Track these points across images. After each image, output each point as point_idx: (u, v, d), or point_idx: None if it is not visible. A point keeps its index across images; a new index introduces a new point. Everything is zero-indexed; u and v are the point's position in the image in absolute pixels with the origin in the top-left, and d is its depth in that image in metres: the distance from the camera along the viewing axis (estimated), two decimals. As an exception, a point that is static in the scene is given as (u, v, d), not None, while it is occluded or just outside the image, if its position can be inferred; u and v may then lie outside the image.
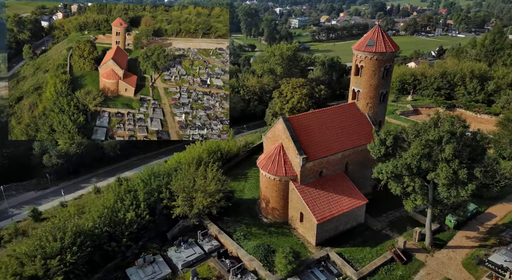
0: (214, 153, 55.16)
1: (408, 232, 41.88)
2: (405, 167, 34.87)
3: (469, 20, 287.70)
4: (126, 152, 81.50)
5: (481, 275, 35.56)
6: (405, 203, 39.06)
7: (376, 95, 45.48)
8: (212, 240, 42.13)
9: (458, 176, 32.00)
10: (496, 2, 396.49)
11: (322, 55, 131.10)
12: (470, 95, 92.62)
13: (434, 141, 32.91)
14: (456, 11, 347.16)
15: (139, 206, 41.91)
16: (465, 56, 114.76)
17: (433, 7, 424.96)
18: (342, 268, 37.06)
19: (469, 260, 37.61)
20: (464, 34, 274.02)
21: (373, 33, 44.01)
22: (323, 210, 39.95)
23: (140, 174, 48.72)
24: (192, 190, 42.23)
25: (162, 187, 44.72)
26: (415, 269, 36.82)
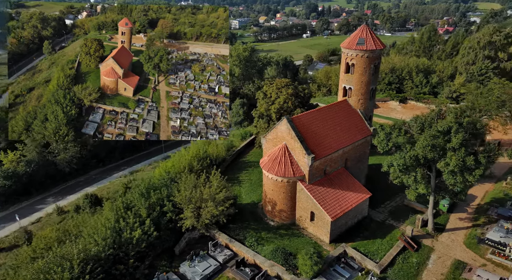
0: (204, 159, 53.16)
1: (410, 220, 44.09)
2: (413, 158, 36.69)
3: (393, 20, 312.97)
4: (83, 166, 76.09)
5: (485, 253, 38.63)
6: (407, 192, 41.09)
7: (367, 91, 47.24)
8: (224, 250, 40.51)
9: (466, 163, 34.42)
10: (411, 4, 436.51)
11: (276, 55, 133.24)
12: (418, 87, 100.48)
13: (443, 131, 35.00)
14: (379, 12, 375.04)
15: (143, 222, 38.84)
16: (406, 53, 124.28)
17: (358, 8, 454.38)
18: (361, 262, 37.86)
19: (470, 240, 40.67)
20: (390, 33, 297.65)
21: (361, 32, 45.55)
22: (334, 207, 40.48)
23: (136, 188, 45.01)
24: (199, 200, 40.18)
25: (163, 199, 41.88)
26: (426, 255, 38.87)
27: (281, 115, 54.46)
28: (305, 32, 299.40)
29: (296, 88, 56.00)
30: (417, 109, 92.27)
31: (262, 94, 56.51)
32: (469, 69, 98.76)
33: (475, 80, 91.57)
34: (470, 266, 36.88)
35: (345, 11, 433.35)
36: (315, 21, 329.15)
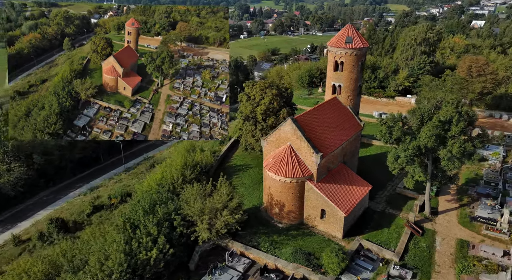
0: (194, 167, 50.88)
1: (407, 206, 46.66)
2: (416, 148, 38.96)
3: (322, 21, 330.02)
4: (30, 188, 69.63)
5: (480, 229, 42.32)
6: (405, 181, 43.60)
7: (356, 88, 48.98)
8: (241, 258, 39.14)
9: (466, 149, 37.41)
10: (334, 5, 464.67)
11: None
12: (367, 83, 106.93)
13: (445, 121, 37.59)
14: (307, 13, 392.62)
15: (155, 240, 35.91)
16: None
17: (287, 9, 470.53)
18: (379, 253, 39.18)
19: (463, 219, 44.28)
20: (321, 33, 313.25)
21: (347, 31, 47.02)
22: (345, 202, 41.34)
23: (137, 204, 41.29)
24: (212, 209, 38.30)
25: (171, 214, 39.09)
26: (432, 238, 41.46)
27: (268, 116, 54.26)
28: (241, 33, 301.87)
29: (279, 88, 56.10)
30: (371, 102, 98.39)
31: (246, 96, 55.63)
32: (409, 64, 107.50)
33: (415, 73, 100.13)
34: (473, 243, 40.17)
35: (275, 12, 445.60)
36: (250, 22, 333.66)
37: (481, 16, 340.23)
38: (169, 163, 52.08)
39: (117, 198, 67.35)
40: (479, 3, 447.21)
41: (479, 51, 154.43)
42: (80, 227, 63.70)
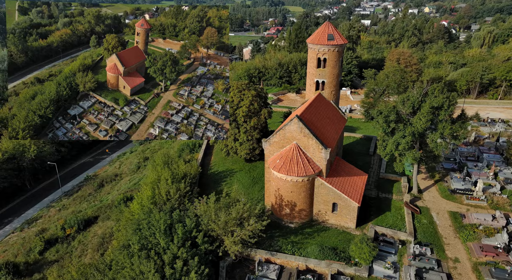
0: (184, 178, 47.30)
1: (394, 189, 50.16)
2: (411, 134, 42.30)
3: (232, 22, 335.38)
4: None
5: (462, 200, 47.69)
6: (395, 166, 47.10)
7: (338, 83, 50.86)
8: (269, 265, 37.68)
9: (454, 130, 41.82)
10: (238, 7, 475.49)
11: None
12: (304, 79, 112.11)
13: (438, 107, 41.38)
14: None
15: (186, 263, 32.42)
16: (279, 49, 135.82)
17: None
18: (393, 236, 41.47)
19: (445, 193, 49.38)
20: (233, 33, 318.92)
21: (327, 28, 48.48)
22: (354, 193, 42.75)
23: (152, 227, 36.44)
24: (238, 219, 36.11)
25: (191, 232, 35.60)
26: (429, 214, 45.43)
27: (249, 118, 53.10)
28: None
29: (256, 89, 55.36)
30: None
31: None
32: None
33: (345, 68, 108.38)
34: (462, 213, 45.11)
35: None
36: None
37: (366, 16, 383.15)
38: (153, 178, 47.36)
39: (73, 227, 59.67)
40: (360, 5, 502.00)
41: (379, 46, 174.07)
42: (37, 268, 54.87)
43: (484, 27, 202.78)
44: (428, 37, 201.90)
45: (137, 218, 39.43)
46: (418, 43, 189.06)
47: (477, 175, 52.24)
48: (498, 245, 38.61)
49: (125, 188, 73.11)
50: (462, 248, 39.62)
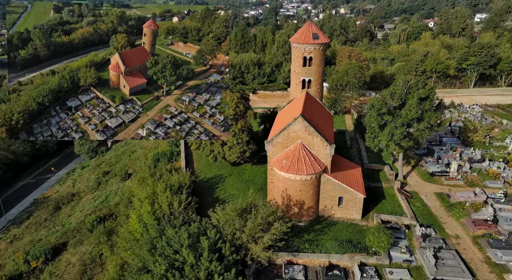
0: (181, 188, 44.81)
1: (381, 178, 52.95)
2: (401, 124, 45.18)
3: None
4: None
5: (442, 181, 52.05)
6: (383, 156, 49.99)
7: (322, 81, 52.16)
8: (293, 266, 37.31)
9: (438, 118, 45.55)
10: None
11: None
12: (256, 79, 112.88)
13: (424, 98, 44.58)
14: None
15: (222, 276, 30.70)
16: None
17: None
18: (397, 221, 43.77)
19: (425, 177, 53.45)
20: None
21: (310, 27, 49.42)
22: (357, 186, 44.21)
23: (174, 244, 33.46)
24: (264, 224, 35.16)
25: (216, 243, 33.69)
26: (419, 197, 48.79)
27: (236, 120, 51.97)
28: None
29: (239, 91, 54.43)
30: (270, 96, 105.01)
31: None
32: (287, 58, 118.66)
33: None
34: (447, 193, 49.29)
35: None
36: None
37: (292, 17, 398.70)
38: (148, 193, 43.89)
39: (39, 259, 53.47)
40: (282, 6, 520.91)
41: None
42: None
43: (398, 26, 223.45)
44: (353, 36, 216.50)
45: (149, 237, 36.20)
46: (346, 41, 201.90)
47: (445, 158, 57.43)
48: (488, 218, 42.96)
49: (91, 208, 66.71)
50: (458, 225, 43.32)
